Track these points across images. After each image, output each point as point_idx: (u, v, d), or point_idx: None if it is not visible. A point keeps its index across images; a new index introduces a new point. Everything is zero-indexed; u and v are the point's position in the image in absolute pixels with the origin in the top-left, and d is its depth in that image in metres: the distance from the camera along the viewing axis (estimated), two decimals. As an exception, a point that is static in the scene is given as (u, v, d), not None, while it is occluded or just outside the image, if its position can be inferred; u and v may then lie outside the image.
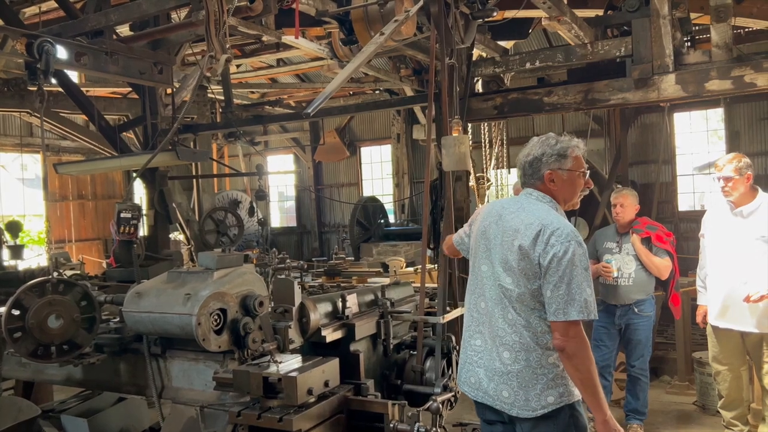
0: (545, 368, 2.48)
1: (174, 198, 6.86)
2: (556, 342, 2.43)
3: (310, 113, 3.16)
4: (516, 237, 2.51)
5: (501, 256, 2.56)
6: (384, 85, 10.16)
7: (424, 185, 3.79)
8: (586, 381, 2.42)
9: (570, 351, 2.40)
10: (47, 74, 3.57)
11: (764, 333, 4.20)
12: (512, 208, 2.63)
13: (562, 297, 2.39)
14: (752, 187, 4.25)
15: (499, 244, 2.58)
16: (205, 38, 3.57)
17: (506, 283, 2.53)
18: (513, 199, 2.79)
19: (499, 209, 2.70)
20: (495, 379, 2.55)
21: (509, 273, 2.52)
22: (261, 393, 2.54)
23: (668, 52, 4.71)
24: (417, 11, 3.75)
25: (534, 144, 2.69)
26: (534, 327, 2.49)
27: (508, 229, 2.57)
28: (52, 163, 7.96)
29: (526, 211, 2.58)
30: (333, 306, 3.31)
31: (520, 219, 2.55)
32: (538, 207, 2.59)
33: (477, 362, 2.64)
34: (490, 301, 2.60)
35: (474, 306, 2.70)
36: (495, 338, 2.57)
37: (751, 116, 10.16)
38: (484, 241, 2.67)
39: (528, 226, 2.51)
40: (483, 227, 2.71)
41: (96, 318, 3.15)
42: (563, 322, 2.39)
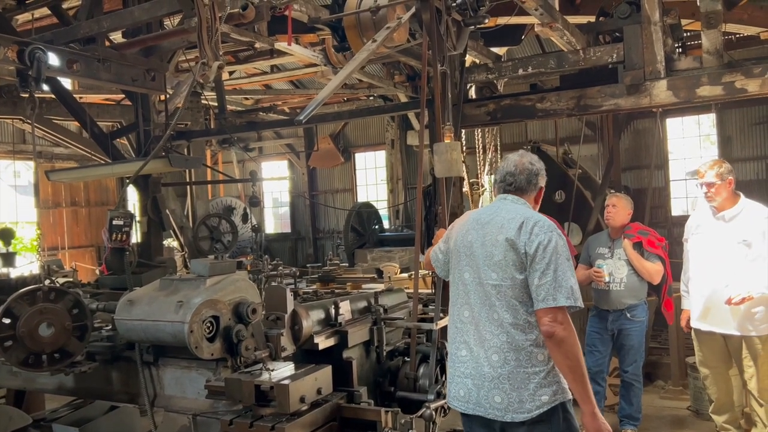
0: (536, 366, 2.48)
1: (168, 205, 6.83)
2: (545, 328, 2.44)
3: (302, 120, 3.16)
4: (500, 232, 2.56)
5: (484, 254, 2.60)
6: (378, 91, 10.18)
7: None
8: (575, 368, 2.44)
9: (559, 336, 2.41)
10: (38, 81, 3.56)
11: (745, 336, 4.23)
12: (489, 212, 2.72)
13: (550, 283, 2.43)
14: (734, 193, 4.31)
15: (481, 245, 2.62)
16: (197, 45, 3.57)
17: (492, 279, 2.55)
18: (488, 206, 2.88)
19: (475, 217, 2.77)
20: (485, 386, 2.53)
21: (495, 268, 2.55)
22: (253, 401, 2.53)
23: (660, 58, 4.74)
24: (409, 18, 3.76)
25: (528, 158, 2.79)
26: (522, 324, 2.50)
27: (490, 229, 2.62)
28: (44, 170, 7.92)
29: (505, 210, 2.67)
30: (326, 313, 3.31)
31: (501, 217, 2.63)
32: (516, 206, 2.69)
33: (464, 373, 2.62)
34: (475, 306, 2.61)
35: (457, 317, 2.70)
36: (482, 343, 2.56)
37: (743, 121, 10.23)
38: (465, 249, 2.70)
39: (510, 221, 2.58)
40: (461, 237, 2.74)
41: (88, 326, 3.14)
42: (552, 308, 2.42)
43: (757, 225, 4.18)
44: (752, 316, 4.18)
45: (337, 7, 4.29)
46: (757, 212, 4.25)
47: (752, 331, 4.20)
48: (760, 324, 4.19)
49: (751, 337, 4.21)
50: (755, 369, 4.25)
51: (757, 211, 4.25)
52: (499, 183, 2.82)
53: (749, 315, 4.18)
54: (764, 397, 4.27)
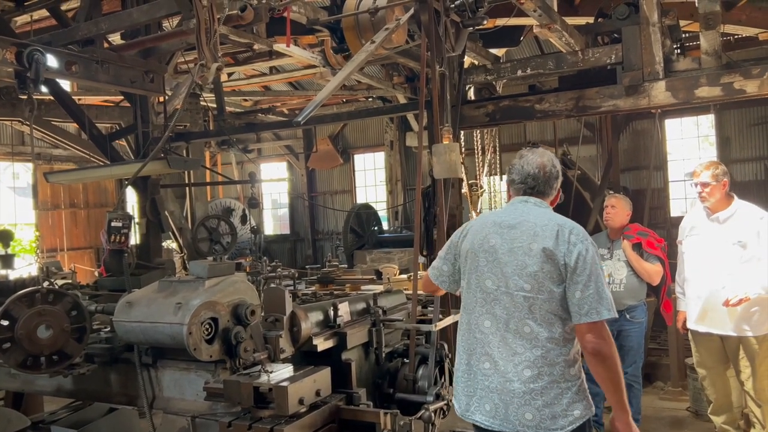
0: (569, 381, 2.38)
1: (167, 206, 6.84)
2: (590, 345, 2.34)
3: (301, 121, 3.16)
4: (534, 240, 2.41)
5: (515, 263, 2.43)
6: (377, 92, 10.19)
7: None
8: (617, 382, 2.38)
9: (605, 352, 2.34)
10: (37, 83, 3.57)
11: (742, 336, 4.24)
12: (513, 215, 2.55)
13: (593, 296, 2.33)
14: (728, 194, 4.32)
15: (509, 252, 2.46)
16: (196, 47, 3.57)
17: (525, 290, 2.40)
18: (507, 208, 2.65)
19: (495, 219, 2.59)
20: (514, 402, 2.38)
21: (528, 279, 2.40)
22: (252, 403, 2.52)
23: (658, 59, 4.75)
24: (408, 19, 3.76)
25: (547, 158, 2.64)
26: (557, 337, 2.38)
27: (519, 235, 2.46)
28: (43, 172, 7.92)
29: (533, 214, 2.51)
30: (324, 315, 3.30)
31: (530, 222, 2.47)
32: (542, 210, 2.55)
33: (489, 387, 2.45)
34: (500, 317, 2.45)
35: (476, 327, 2.53)
36: (510, 357, 2.41)
37: (741, 122, 10.24)
38: (486, 254, 2.52)
39: (544, 228, 2.43)
40: (480, 240, 2.56)
41: (86, 328, 3.13)
42: (596, 322, 2.33)
43: (752, 226, 4.19)
44: (749, 317, 4.19)
45: (335, 8, 4.30)
46: (751, 213, 4.26)
47: (749, 332, 4.21)
48: (756, 324, 4.20)
49: (748, 337, 4.22)
50: (752, 369, 4.25)
51: (751, 212, 4.27)
52: (517, 184, 2.64)
53: (746, 316, 4.18)
54: (761, 397, 4.27)
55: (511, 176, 2.67)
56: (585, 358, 2.42)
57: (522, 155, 2.67)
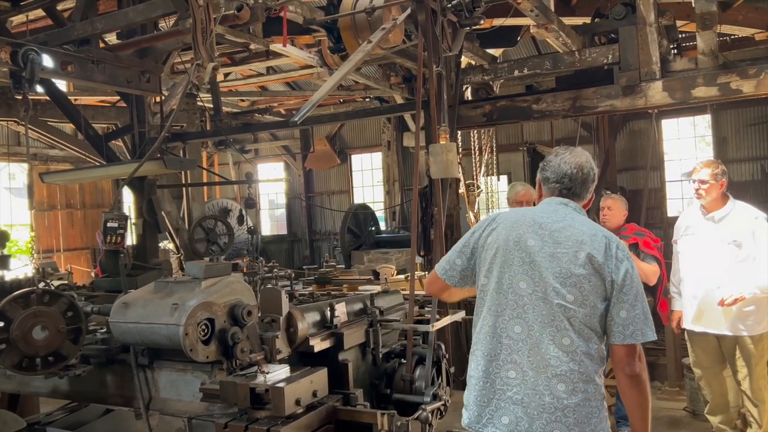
0: (598, 400, 2.26)
1: (163, 207, 6.82)
2: (630, 369, 2.24)
3: (297, 121, 3.16)
4: (581, 248, 2.24)
5: (557, 270, 2.25)
6: (374, 92, 10.17)
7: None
8: (647, 408, 2.29)
9: (644, 377, 2.26)
10: (32, 83, 3.55)
11: (738, 336, 4.25)
12: (555, 217, 2.36)
13: (640, 317, 2.21)
14: (724, 194, 4.33)
15: (550, 257, 2.27)
16: (192, 47, 3.57)
17: (567, 301, 2.22)
18: (546, 209, 2.43)
19: (533, 217, 2.39)
20: (543, 417, 2.21)
21: (572, 290, 2.22)
22: (248, 404, 2.52)
23: (655, 59, 4.75)
24: (404, 19, 3.76)
25: (585, 158, 2.46)
26: (593, 354, 2.24)
27: (563, 240, 2.28)
28: (39, 173, 7.89)
29: (577, 221, 2.34)
30: (321, 315, 3.29)
31: (575, 229, 2.30)
32: (585, 219, 2.39)
33: (512, 398, 2.25)
34: (534, 324, 2.26)
35: (503, 331, 2.31)
36: (543, 368, 2.23)
37: (738, 122, 10.26)
38: (521, 254, 2.31)
39: (593, 238, 2.26)
40: (516, 238, 2.34)
41: (82, 329, 3.12)
42: (636, 345, 2.23)
43: (747, 225, 4.20)
44: (744, 317, 4.19)
45: (332, 8, 4.29)
46: (746, 213, 4.27)
47: (744, 331, 4.21)
48: (752, 324, 4.20)
49: (743, 337, 4.23)
50: (748, 369, 4.26)
51: (746, 212, 4.28)
52: (552, 183, 2.45)
53: (741, 315, 4.19)
54: (758, 396, 4.28)
55: (545, 174, 2.48)
56: (618, 381, 2.33)
57: (558, 153, 2.49)
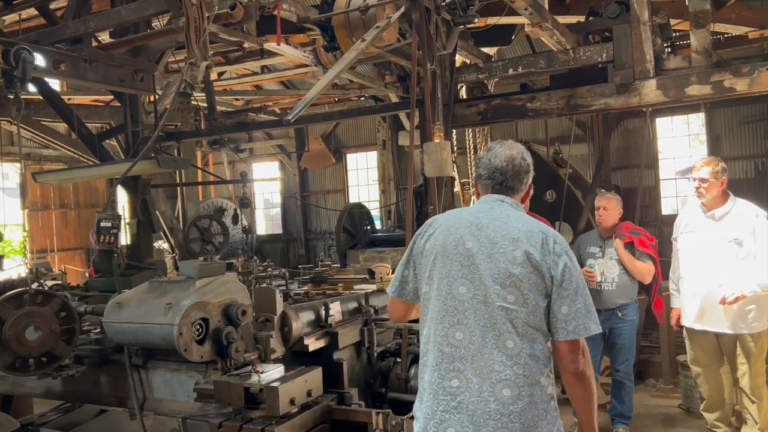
0: (546, 402, 2.20)
1: (158, 206, 6.79)
2: (574, 365, 2.19)
3: (291, 120, 3.15)
4: (517, 246, 2.19)
5: (495, 270, 2.19)
6: (369, 91, 10.16)
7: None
8: (593, 401, 2.26)
9: (588, 373, 2.22)
10: (24, 82, 3.53)
11: (738, 334, 4.26)
12: (488, 216, 2.30)
13: (581, 311, 2.18)
14: (725, 192, 4.33)
15: (488, 258, 2.20)
16: (185, 45, 3.55)
17: (509, 302, 2.16)
18: (482, 207, 2.38)
19: (469, 218, 2.33)
20: (489, 425, 2.14)
21: (512, 290, 2.17)
22: (242, 404, 2.51)
23: (649, 57, 4.75)
24: (398, 18, 3.75)
25: (516, 151, 2.40)
26: (538, 355, 2.18)
27: (499, 240, 2.22)
28: (32, 172, 7.85)
29: (513, 217, 2.29)
30: (316, 314, 3.29)
31: (511, 226, 2.24)
32: (522, 214, 2.34)
33: (457, 408, 2.17)
34: (475, 329, 2.18)
35: (443, 339, 2.23)
36: (487, 374, 2.16)
37: (732, 121, 10.28)
38: (460, 259, 2.24)
39: (529, 234, 2.21)
40: (454, 242, 2.27)
41: (75, 329, 3.11)
42: (578, 340, 2.18)
43: (747, 223, 4.20)
44: (744, 315, 4.20)
45: (326, 6, 4.28)
46: (747, 211, 4.27)
47: (744, 330, 4.22)
48: (752, 322, 4.21)
49: (744, 335, 4.24)
50: (748, 366, 4.27)
51: (746, 210, 4.27)
52: (485, 179, 2.40)
53: (742, 314, 4.20)
54: (756, 394, 4.29)
55: (478, 171, 2.45)
56: (563, 378, 2.29)
57: (490, 148, 2.46)
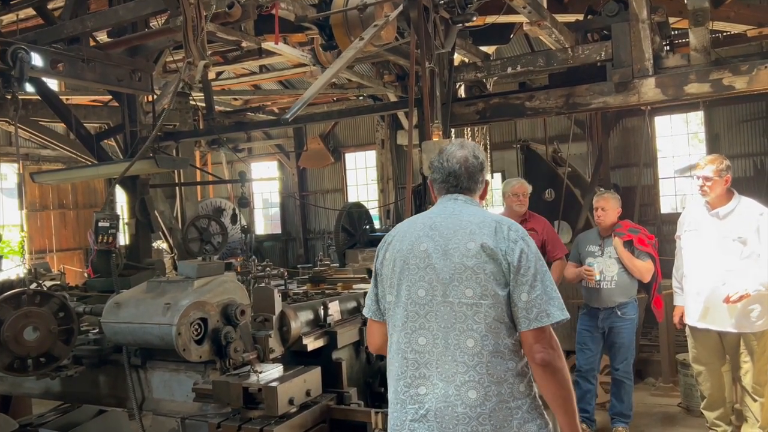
0: (518, 399, 2.08)
1: (157, 206, 6.78)
2: (540, 355, 2.06)
3: (288, 119, 3.14)
4: (471, 238, 2.12)
5: (451, 266, 2.12)
6: (367, 91, 10.14)
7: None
8: (569, 398, 2.12)
9: (556, 364, 2.07)
10: (21, 82, 3.53)
11: (742, 333, 4.25)
12: (443, 215, 2.25)
13: (541, 297, 2.06)
14: (728, 190, 4.31)
15: (443, 255, 2.14)
16: (183, 45, 3.54)
17: (466, 297, 2.08)
18: (436, 208, 2.32)
19: (424, 221, 2.27)
20: (459, 430, 2.05)
21: (469, 283, 2.08)
22: (241, 404, 2.51)
23: (648, 56, 4.75)
24: (397, 16, 3.75)
25: (469, 150, 2.33)
26: (503, 351, 2.08)
27: (452, 235, 2.16)
28: (30, 173, 7.84)
29: (467, 212, 2.22)
30: (314, 314, 3.29)
31: (465, 220, 2.18)
32: (474, 208, 2.27)
33: (425, 416, 2.07)
34: (437, 331, 2.10)
35: (407, 346, 2.15)
36: (451, 377, 2.07)
37: (731, 119, 10.28)
38: (417, 261, 2.18)
39: (482, 225, 2.14)
40: (409, 245, 2.22)
41: (74, 329, 3.10)
42: (544, 329, 2.06)
43: (752, 222, 4.17)
44: (748, 314, 4.19)
45: (324, 5, 4.28)
46: (752, 209, 4.25)
47: (748, 329, 4.22)
48: (755, 321, 4.20)
49: (747, 334, 4.23)
50: (750, 365, 4.26)
51: (751, 208, 4.25)
52: (440, 183, 2.33)
53: (746, 312, 4.18)
54: (758, 392, 4.28)
55: (433, 175, 2.36)
56: (533, 373, 2.16)
57: (442, 150, 2.36)
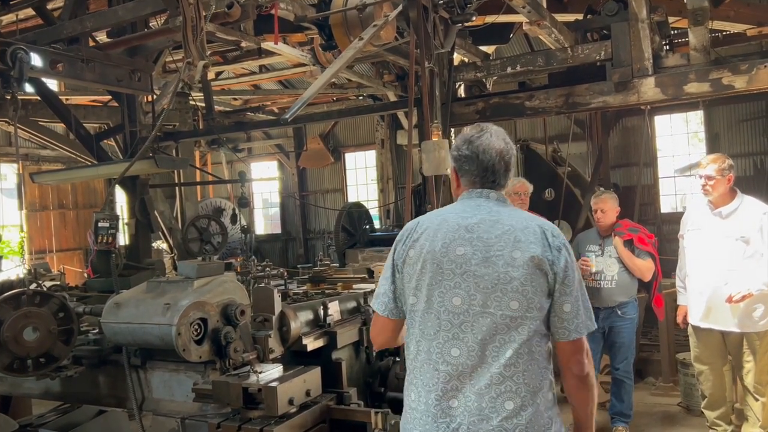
0: (550, 409, 2.02)
1: (156, 206, 6.78)
2: (579, 367, 2.03)
3: (288, 119, 3.14)
4: (516, 246, 1.98)
5: (495, 276, 1.97)
6: (367, 90, 10.15)
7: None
8: (594, 407, 2.11)
9: (592, 374, 2.07)
10: (21, 82, 3.53)
11: (745, 332, 4.25)
12: (480, 215, 2.06)
13: (581, 308, 2.01)
14: (731, 189, 4.30)
15: (484, 262, 1.99)
16: (182, 45, 3.54)
17: (511, 309, 1.95)
18: (467, 205, 2.13)
19: (457, 220, 2.07)
20: None
21: (516, 295, 1.96)
22: (241, 404, 2.51)
23: (647, 55, 4.75)
24: (396, 16, 3.75)
25: (504, 142, 2.13)
26: (538, 359, 1.99)
27: (495, 241, 2.00)
28: (30, 173, 7.84)
29: (504, 214, 2.06)
30: (314, 314, 3.28)
31: (506, 224, 2.02)
32: (512, 210, 2.12)
33: (458, 430, 1.97)
34: (474, 343, 1.97)
35: (440, 356, 2.00)
36: (485, 389, 1.95)
37: (731, 118, 10.28)
38: (452, 266, 2.01)
39: (525, 231, 2.01)
40: (443, 247, 2.03)
41: (74, 330, 3.10)
42: (581, 340, 2.02)
43: (755, 221, 4.17)
44: (751, 313, 4.19)
45: (323, 5, 4.28)
46: (755, 208, 4.24)
47: (751, 328, 4.21)
48: (759, 321, 4.20)
49: (750, 333, 4.23)
50: (753, 364, 4.26)
51: (754, 207, 4.25)
52: (473, 176, 2.14)
53: (748, 312, 4.18)
54: (760, 392, 4.28)
55: (464, 165, 2.15)
56: (566, 382, 2.12)
57: (471, 139, 2.13)
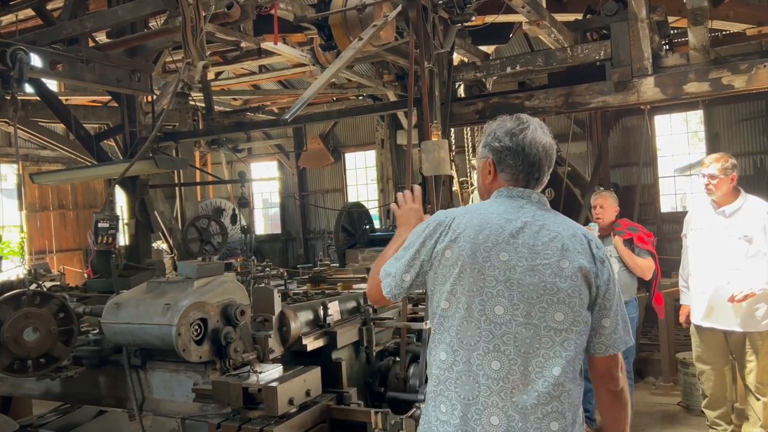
0: (581, 427, 1.92)
1: (156, 206, 6.78)
2: (615, 383, 1.95)
3: (288, 119, 3.14)
4: (564, 255, 1.85)
5: (541, 285, 1.83)
6: (367, 90, 10.15)
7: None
8: (628, 422, 2.04)
9: (626, 391, 2.00)
10: (20, 82, 3.53)
11: (747, 332, 4.25)
12: (524, 218, 1.91)
13: (620, 322, 1.92)
14: (735, 188, 4.31)
15: (530, 270, 1.84)
16: (182, 45, 3.54)
17: (556, 322, 1.82)
18: (507, 205, 1.96)
19: (499, 222, 1.91)
20: None
21: (562, 307, 1.83)
22: (241, 404, 2.51)
23: (647, 55, 4.75)
24: (396, 16, 3.75)
25: (549, 137, 2.03)
26: (577, 376, 1.88)
27: (542, 248, 1.86)
28: (30, 173, 7.84)
29: (549, 219, 1.93)
30: (314, 314, 3.29)
31: (554, 230, 1.89)
32: (556, 215, 1.98)
33: None
34: (516, 356, 1.82)
35: (480, 369, 1.84)
36: (532, 409, 1.81)
37: (730, 118, 10.29)
38: (492, 271, 1.86)
39: (573, 239, 1.88)
40: (485, 251, 1.87)
41: (74, 330, 3.10)
42: (618, 354, 1.94)
43: (758, 220, 4.18)
44: (753, 313, 4.19)
45: (323, 5, 4.28)
46: (758, 207, 4.25)
47: (753, 328, 4.22)
48: (761, 320, 4.20)
49: (753, 333, 4.23)
50: (755, 364, 4.26)
51: (757, 206, 4.26)
52: (516, 172, 1.98)
53: (751, 311, 4.18)
54: (761, 392, 4.28)
55: (503, 157, 1.99)
56: (600, 398, 2.02)
57: (514, 131, 1.99)
